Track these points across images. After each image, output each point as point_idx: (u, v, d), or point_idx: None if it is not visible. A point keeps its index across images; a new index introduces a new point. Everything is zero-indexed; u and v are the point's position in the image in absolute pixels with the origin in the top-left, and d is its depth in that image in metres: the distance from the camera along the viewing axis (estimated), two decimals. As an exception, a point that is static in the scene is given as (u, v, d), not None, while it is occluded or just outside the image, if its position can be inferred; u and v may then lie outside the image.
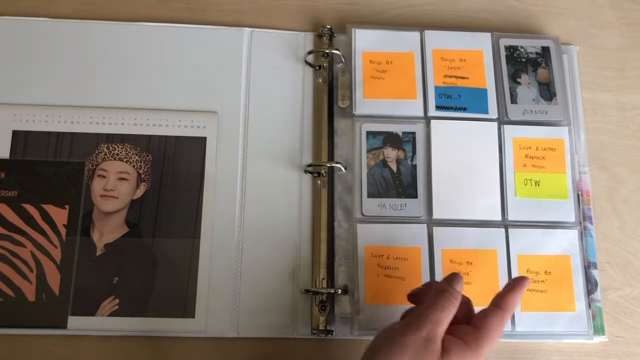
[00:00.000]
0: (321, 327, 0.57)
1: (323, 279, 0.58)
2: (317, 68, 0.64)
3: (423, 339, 0.45)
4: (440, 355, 0.44)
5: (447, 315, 0.46)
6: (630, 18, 0.71)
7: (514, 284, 0.50)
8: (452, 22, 0.69)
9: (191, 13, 0.66)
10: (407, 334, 0.45)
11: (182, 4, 0.67)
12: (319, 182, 0.61)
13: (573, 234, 0.60)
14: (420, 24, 0.67)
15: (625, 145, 0.66)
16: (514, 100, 0.64)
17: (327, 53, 0.64)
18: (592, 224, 0.62)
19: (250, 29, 0.65)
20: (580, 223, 0.61)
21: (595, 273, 0.60)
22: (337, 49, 0.64)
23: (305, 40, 0.66)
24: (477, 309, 0.57)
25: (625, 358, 0.59)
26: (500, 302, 0.48)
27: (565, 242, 0.60)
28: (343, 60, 0.64)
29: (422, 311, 0.46)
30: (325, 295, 0.57)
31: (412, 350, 0.44)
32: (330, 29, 0.65)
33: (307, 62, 0.64)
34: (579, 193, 0.62)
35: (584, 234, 0.61)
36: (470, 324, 0.47)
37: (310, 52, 0.64)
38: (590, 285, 0.60)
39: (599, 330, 0.59)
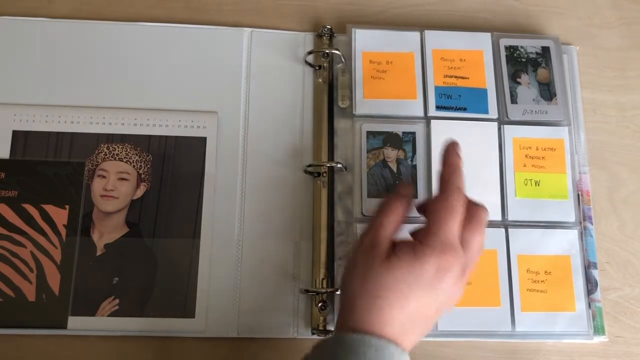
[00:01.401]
0: (321, 327, 0.57)
1: (323, 278, 0.58)
2: (317, 68, 0.64)
3: (368, 245, 0.47)
4: (387, 256, 0.45)
5: (388, 218, 0.48)
6: (630, 18, 0.71)
7: (447, 161, 0.50)
8: (452, 22, 0.69)
9: (191, 13, 0.66)
10: (358, 245, 0.48)
11: (182, 4, 0.67)
12: (319, 182, 0.61)
13: (573, 234, 0.60)
14: (421, 24, 0.67)
15: (625, 145, 0.66)
16: (514, 100, 0.64)
17: (327, 53, 0.64)
18: (592, 224, 0.62)
19: (250, 29, 0.65)
20: (581, 223, 0.61)
21: (595, 273, 0.60)
22: (337, 49, 0.64)
23: (305, 40, 0.66)
24: (477, 309, 0.58)
25: (626, 358, 0.59)
26: (443, 186, 0.48)
27: (566, 242, 0.60)
28: (343, 60, 0.64)
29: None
30: (325, 295, 0.57)
31: (361, 258, 0.46)
32: (330, 29, 0.65)
33: (307, 62, 0.64)
34: (579, 193, 0.62)
35: (584, 234, 0.61)
36: None
37: (310, 52, 0.64)
38: (590, 285, 0.60)
39: (599, 330, 0.59)
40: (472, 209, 0.48)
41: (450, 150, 0.51)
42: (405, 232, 0.49)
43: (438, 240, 0.45)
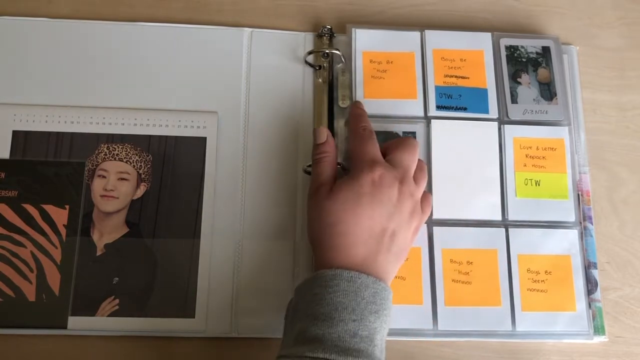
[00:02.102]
0: (321, 327, 0.57)
1: (323, 279, 0.58)
2: (317, 68, 0.64)
3: (314, 191, 0.54)
4: (328, 195, 0.52)
5: (320, 168, 0.56)
6: (630, 18, 0.71)
7: (352, 112, 0.59)
8: (452, 22, 0.69)
9: (191, 13, 0.66)
10: (308, 198, 0.56)
11: (182, 4, 0.67)
12: (319, 182, 0.60)
13: (573, 234, 0.60)
14: (420, 24, 0.67)
15: (625, 145, 0.66)
16: (514, 100, 0.64)
17: (327, 53, 0.64)
18: (592, 223, 0.62)
19: (250, 29, 0.65)
20: (581, 223, 0.61)
21: (595, 273, 0.60)
22: (337, 49, 0.64)
23: (305, 40, 0.66)
24: (477, 308, 0.58)
25: (626, 358, 0.59)
26: (351, 128, 0.58)
27: (566, 242, 0.60)
28: (343, 60, 0.64)
29: None
30: (326, 295, 0.57)
31: (312, 203, 0.54)
32: (330, 29, 0.65)
33: (307, 62, 0.64)
34: (579, 193, 0.62)
35: (584, 234, 0.61)
36: None
37: (310, 52, 0.64)
38: (591, 285, 0.60)
39: (599, 330, 0.59)
40: (398, 140, 0.57)
41: (354, 106, 0.60)
42: None
43: (360, 160, 0.54)
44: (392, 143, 0.56)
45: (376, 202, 0.51)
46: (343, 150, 0.61)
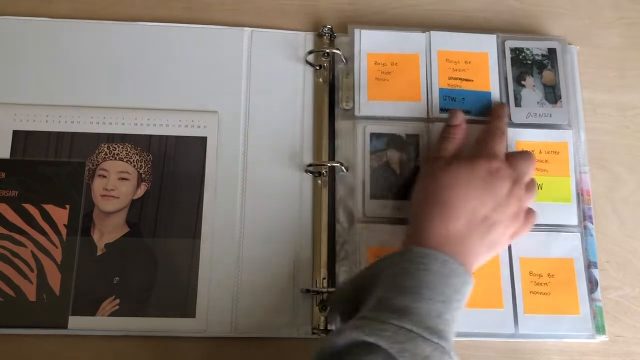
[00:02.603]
0: (321, 327, 0.57)
1: (323, 278, 0.58)
2: (318, 68, 0.64)
3: (432, 158, 0.57)
4: (444, 167, 0.55)
5: (445, 144, 0.58)
6: (630, 18, 0.71)
7: (495, 111, 0.62)
8: (453, 22, 0.69)
9: (191, 13, 0.66)
10: (424, 161, 0.60)
11: (183, 4, 0.67)
12: (319, 182, 0.61)
13: (576, 238, 0.60)
14: (421, 24, 0.67)
15: (625, 145, 0.66)
16: (518, 103, 0.64)
17: (327, 53, 0.64)
18: (592, 223, 0.62)
19: (251, 29, 0.65)
20: (581, 223, 0.61)
21: (595, 272, 0.60)
22: (337, 49, 0.64)
23: (305, 40, 0.66)
24: (480, 310, 0.58)
25: (626, 357, 0.59)
26: (489, 121, 0.61)
27: (569, 245, 0.60)
28: (343, 60, 0.64)
29: None
30: (326, 295, 0.57)
31: (426, 170, 0.57)
32: (331, 28, 0.65)
33: (307, 62, 0.64)
34: (579, 193, 0.62)
35: (584, 234, 0.61)
36: None
37: (310, 52, 0.64)
38: (591, 285, 0.60)
39: (599, 329, 0.59)
40: (520, 151, 0.60)
41: (499, 107, 0.62)
42: None
43: (485, 150, 0.56)
44: (514, 152, 0.59)
45: (487, 189, 0.53)
46: (342, 148, 0.62)
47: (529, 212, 0.57)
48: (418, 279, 0.47)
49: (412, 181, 0.59)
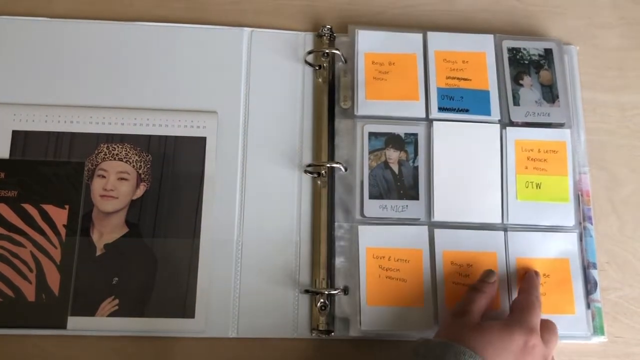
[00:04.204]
0: (321, 327, 0.57)
1: (323, 279, 0.58)
2: (317, 68, 0.64)
3: (459, 312, 0.54)
4: (478, 323, 0.52)
5: (477, 299, 0.55)
6: (630, 18, 0.71)
7: (529, 279, 0.58)
8: (452, 22, 0.69)
9: (191, 13, 0.66)
10: (451, 313, 0.55)
11: (182, 4, 0.67)
12: (319, 182, 0.61)
13: (573, 237, 0.60)
14: (421, 24, 0.67)
15: (625, 145, 0.66)
16: (516, 102, 0.64)
17: (327, 53, 0.64)
18: (592, 224, 0.62)
19: (250, 29, 0.65)
20: (580, 223, 0.61)
21: (595, 273, 0.60)
22: (337, 49, 0.64)
23: (305, 40, 0.66)
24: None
25: (625, 358, 0.59)
26: (524, 289, 0.57)
27: (565, 245, 0.60)
28: (343, 60, 0.64)
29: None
30: (326, 296, 0.57)
31: (453, 322, 0.53)
32: (331, 28, 0.65)
33: (307, 62, 0.64)
34: (579, 193, 0.62)
35: (583, 234, 0.61)
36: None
37: (310, 52, 0.64)
38: (590, 286, 0.60)
39: (598, 330, 0.59)
40: (548, 322, 0.55)
41: (531, 275, 0.58)
42: None
43: (525, 321, 0.52)
44: (545, 325, 0.54)
45: None
46: (341, 148, 0.62)
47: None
48: None
49: (413, 181, 0.59)
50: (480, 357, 0.48)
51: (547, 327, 0.54)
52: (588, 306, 0.59)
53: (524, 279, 0.58)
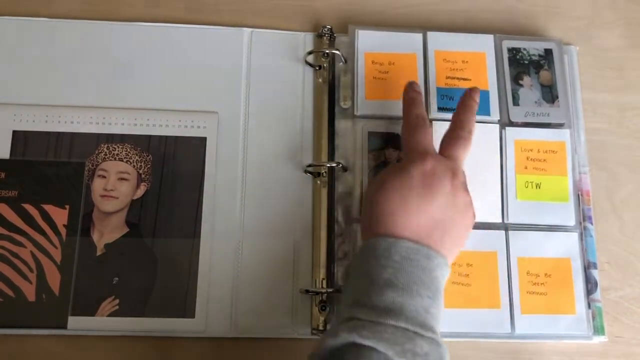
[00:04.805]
0: (321, 327, 0.57)
1: (323, 279, 0.58)
2: (318, 68, 0.64)
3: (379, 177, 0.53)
4: (379, 184, 0.52)
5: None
6: (630, 18, 0.71)
7: (405, 96, 0.57)
8: (452, 22, 0.68)
9: (191, 13, 0.66)
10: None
11: (182, 4, 0.67)
12: (319, 182, 0.61)
13: (573, 237, 0.60)
14: (421, 24, 0.67)
15: (625, 145, 0.66)
16: (516, 102, 0.64)
17: (327, 53, 0.64)
18: (592, 224, 0.62)
19: (250, 29, 0.65)
20: (581, 223, 0.61)
21: (595, 273, 0.60)
22: (337, 49, 0.64)
23: (305, 41, 0.65)
24: (477, 310, 0.58)
25: (625, 358, 0.59)
26: (404, 113, 0.56)
27: (566, 245, 0.60)
28: (343, 60, 0.64)
29: None
30: (325, 295, 0.57)
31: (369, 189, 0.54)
32: (331, 29, 0.65)
33: (307, 62, 0.64)
34: (579, 193, 0.62)
35: (584, 234, 0.61)
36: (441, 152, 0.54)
37: (310, 52, 0.64)
38: (590, 286, 0.60)
39: (598, 330, 0.59)
40: (455, 130, 0.55)
41: (409, 89, 0.58)
42: None
43: (412, 150, 0.52)
44: (451, 134, 0.55)
45: (429, 194, 0.50)
46: (341, 147, 0.62)
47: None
48: (408, 275, 0.46)
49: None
50: (421, 246, 0.47)
51: (451, 136, 0.54)
52: (589, 306, 0.59)
53: (403, 98, 0.57)
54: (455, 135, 0.55)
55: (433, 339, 0.45)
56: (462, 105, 0.57)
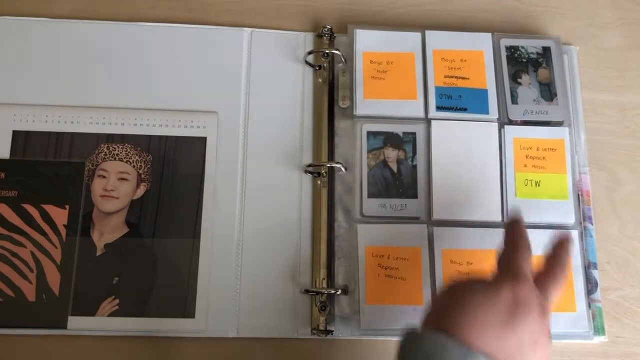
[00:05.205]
0: (321, 327, 0.57)
1: (323, 279, 0.58)
2: (317, 68, 0.64)
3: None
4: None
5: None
6: (630, 18, 0.71)
7: (562, 252, 0.49)
8: (452, 22, 0.69)
9: (191, 13, 0.66)
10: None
11: (182, 4, 0.67)
12: (319, 182, 0.61)
13: (574, 235, 0.60)
14: (421, 24, 0.67)
15: (625, 145, 0.66)
16: (514, 100, 0.64)
17: (327, 53, 0.64)
18: (592, 224, 0.62)
19: (250, 29, 0.65)
20: (581, 223, 0.61)
21: (595, 273, 0.60)
22: (337, 49, 0.64)
23: (305, 41, 0.66)
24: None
25: (626, 358, 0.59)
26: (507, 239, 0.49)
27: (566, 243, 0.60)
28: (343, 60, 0.64)
29: None
30: (325, 295, 0.57)
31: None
32: (331, 29, 0.65)
33: (307, 62, 0.64)
34: (579, 193, 0.62)
35: (584, 234, 0.61)
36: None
37: (310, 52, 0.64)
38: (591, 286, 0.60)
39: (599, 330, 0.59)
40: (555, 268, 0.48)
41: (516, 224, 0.50)
42: None
43: (508, 268, 0.45)
44: (550, 270, 0.48)
45: (512, 322, 0.42)
46: (340, 147, 0.62)
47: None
48: None
49: (411, 180, 0.59)
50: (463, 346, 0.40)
51: (549, 273, 0.47)
52: (589, 306, 0.59)
53: (510, 232, 0.49)
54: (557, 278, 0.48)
55: None
56: (559, 253, 0.50)
